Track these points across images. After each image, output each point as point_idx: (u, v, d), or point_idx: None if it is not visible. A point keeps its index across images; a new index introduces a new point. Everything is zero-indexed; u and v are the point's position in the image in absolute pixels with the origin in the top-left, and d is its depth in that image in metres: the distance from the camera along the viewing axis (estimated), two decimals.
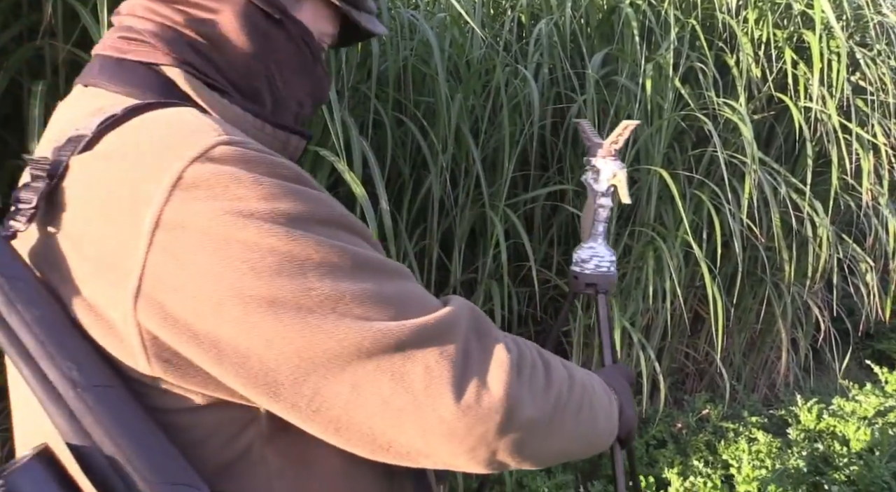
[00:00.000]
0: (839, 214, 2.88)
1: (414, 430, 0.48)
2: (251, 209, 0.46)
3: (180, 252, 0.45)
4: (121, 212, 0.46)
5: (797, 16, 2.47)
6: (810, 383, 3.16)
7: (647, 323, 2.61)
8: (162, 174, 0.46)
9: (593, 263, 0.99)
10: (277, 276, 0.45)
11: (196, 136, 0.48)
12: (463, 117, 2.02)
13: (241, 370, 0.46)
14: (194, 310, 0.45)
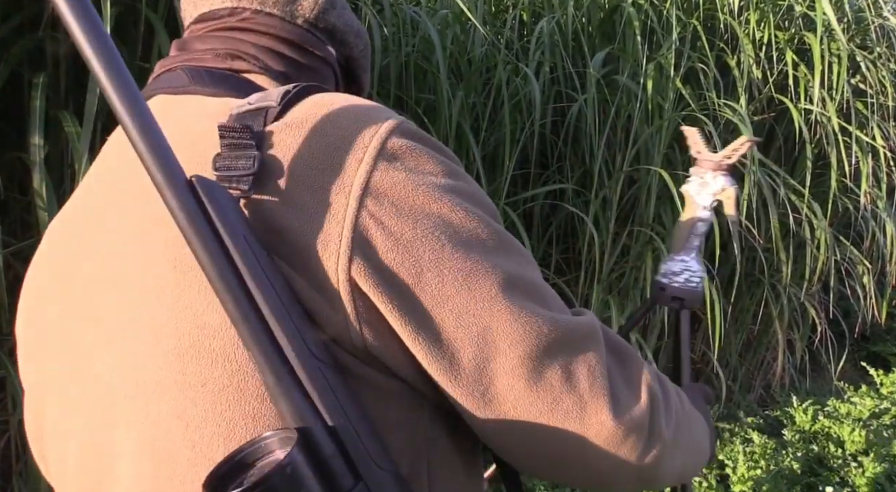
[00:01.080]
0: (837, 216, 2.89)
1: (575, 434, 0.48)
2: (442, 184, 0.48)
3: (386, 218, 0.45)
4: (328, 178, 0.46)
5: (798, 18, 2.47)
6: (806, 385, 3.17)
7: (645, 323, 2.61)
8: (366, 143, 0.47)
9: (684, 276, 0.94)
10: (470, 250, 0.47)
11: (382, 112, 0.50)
12: (464, 115, 2.02)
13: (432, 346, 0.46)
14: (399, 275, 0.45)
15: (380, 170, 0.46)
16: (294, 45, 0.60)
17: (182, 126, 0.51)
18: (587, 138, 2.26)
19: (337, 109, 0.49)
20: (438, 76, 1.87)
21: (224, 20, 0.60)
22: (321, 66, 0.62)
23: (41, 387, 0.57)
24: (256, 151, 0.46)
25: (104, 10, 1.15)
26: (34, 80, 1.27)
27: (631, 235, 2.40)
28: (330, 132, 0.48)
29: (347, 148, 0.47)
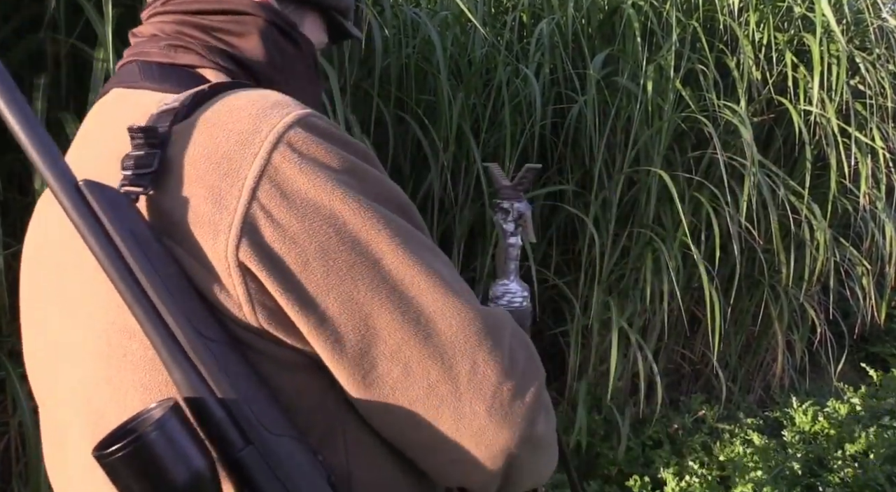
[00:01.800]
0: (837, 217, 2.89)
1: (449, 421, 0.51)
2: (337, 177, 0.50)
3: (275, 210, 0.48)
4: (225, 168, 0.49)
5: (798, 19, 2.48)
6: (805, 385, 3.17)
7: (644, 324, 2.61)
8: (262, 137, 0.49)
9: (506, 298, 1.05)
10: (357, 242, 0.49)
11: (287, 106, 0.52)
12: (464, 116, 2.02)
13: (317, 330, 0.49)
14: (285, 261, 0.48)
15: (274, 163, 0.49)
16: (217, 12, 0.62)
17: (121, 122, 0.55)
18: (587, 140, 2.26)
19: (242, 106, 0.52)
20: (439, 77, 1.87)
21: (155, 6, 0.64)
22: (253, 21, 0.62)
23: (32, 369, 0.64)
24: (159, 150, 0.50)
25: (105, 12, 1.15)
26: (35, 82, 1.27)
27: (631, 236, 2.41)
28: (230, 127, 0.50)
29: (245, 142, 0.49)
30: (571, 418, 2.42)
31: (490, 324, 0.53)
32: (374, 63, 1.77)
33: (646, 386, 2.47)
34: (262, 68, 0.63)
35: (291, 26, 0.65)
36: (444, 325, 0.51)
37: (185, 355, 0.46)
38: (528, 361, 0.55)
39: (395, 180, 1.64)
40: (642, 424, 2.55)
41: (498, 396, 0.51)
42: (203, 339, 0.47)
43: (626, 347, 2.43)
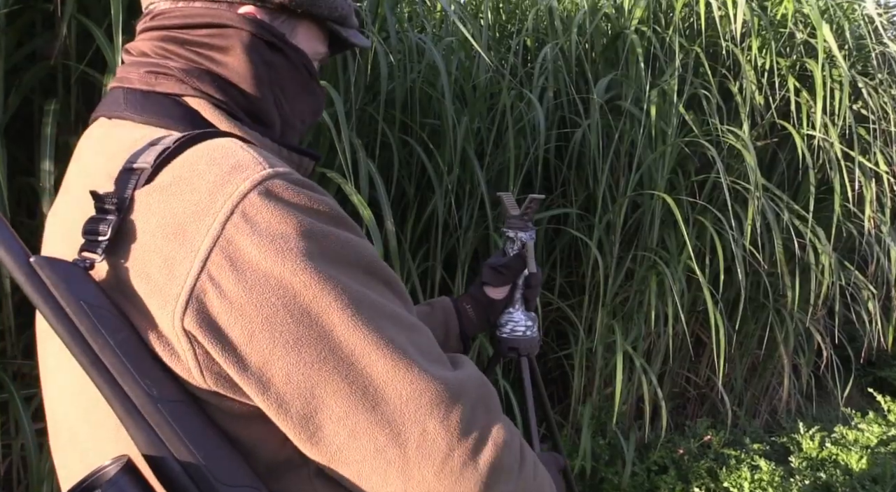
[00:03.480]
0: (841, 240, 2.89)
1: (397, 482, 0.52)
2: (292, 247, 0.50)
3: (224, 282, 0.49)
4: (180, 239, 0.50)
5: (800, 45, 2.50)
6: (812, 410, 3.14)
7: (649, 347, 2.60)
8: (217, 209, 0.50)
9: (509, 327, 1.07)
10: (306, 315, 0.50)
11: (246, 169, 0.52)
12: (468, 139, 2.04)
13: (261, 396, 0.51)
14: (232, 332, 0.49)
15: (227, 234, 0.49)
16: (199, 26, 0.62)
17: (100, 161, 0.58)
18: (591, 163, 2.27)
19: (202, 171, 0.52)
20: (443, 102, 1.89)
21: (145, 21, 0.65)
22: (236, 35, 0.62)
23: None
24: (115, 216, 0.52)
25: (115, 39, 1.17)
26: (46, 107, 1.29)
27: (635, 259, 2.40)
28: (187, 198, 0.51)
29: (200, 213, 0.50)
30: (575, 443, 2.40)
31: (448, 391, 0.53)
32: (379, 88, 1.78)
33: (651, 410, 2.45)
34: (250, 88, 0.63)
35: (278, 38, 0.64)
36: (393, 393, 0.51)
37: (140, 414, 0.49)
38: (488, 428, 0.55)
39: (398, 204, 1.65)
40: (647, 448, 2.52)
41: (448, 462, 0.51)
42: (153, 399, 0.49)
43: (630, 371, 2.42)
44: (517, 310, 1.06)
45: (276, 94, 0.66)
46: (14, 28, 1.31)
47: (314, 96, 0.70)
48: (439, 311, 0.99)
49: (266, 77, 0.64)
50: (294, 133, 0.70)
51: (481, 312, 1.01)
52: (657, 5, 2.47)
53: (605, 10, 2.42)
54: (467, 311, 1.01)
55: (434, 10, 2.55)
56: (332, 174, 1.56)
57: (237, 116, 0.62)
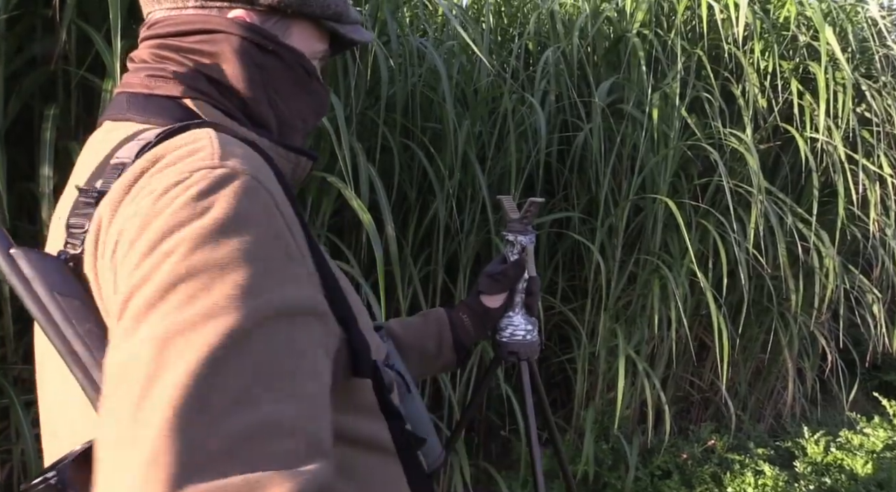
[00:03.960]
0: (846, 244, 2.87)
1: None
2: (184, 237, 0.46)
3: (128, 261, 0.48)
4: (138, 237, 0.49)
5: (803, 47, 2.49)
6: (817, 415, 3.13)
7: (652, 351, 2.59)
8: (166, 209, 0.49)
9: (508, 331, 1.06)
10: (160, 303, 0.44)
11: (194, 161, 0.51)
12: (470, 143, 2.04)
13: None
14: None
15: (177, 234, 0.46)
16: (190, 33, 0.63)
17: (96, 160, 0.59)
18: (593, 167, 2.27)
19: (164, 159, 0.52)
20: (444, 106, 1.89)
21: (144, 29, 0.67)
22: (226, 40, 0.63)
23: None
24: (94, 210, 0.52)
25: (114, 44, 1.17)
26: (45, 112, 1.29)
27: (638, 263, 2.40)
28: (152, 185, 0.51)
29: (157, 211, 0.49)
30: (578, 447, 2.39)
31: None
32: (380, 92, 1.78)
33: (654, 414, 2.44)
34: (243, 90, 0.64)
35: (270, 40, 0.65)
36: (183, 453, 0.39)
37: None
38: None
39: (400, 208, 1.65)
40: (651, 453, 2.51)
41: None
42: None
43: (633, 375, 2.41)
44: (517, 314, 1.06)
45: (271, 96, 0.66)
46: (14, 33, 1.31)
47: (314, 95, 0.71)
48: (433, 322, 0.99)
49: (259, 79, 0.65)
50: (294, 133, 0.71)
51: (478, 322, 1.01)
52: (659, 8, 2.47)
53: (607, 14, 2.41)
54: (463, 321, 1.00)
55: (436, 13, 2.56)
56: (333, 179, 1.56)
57: (235, 117, 0.64)
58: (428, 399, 2.28)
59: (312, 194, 1.74)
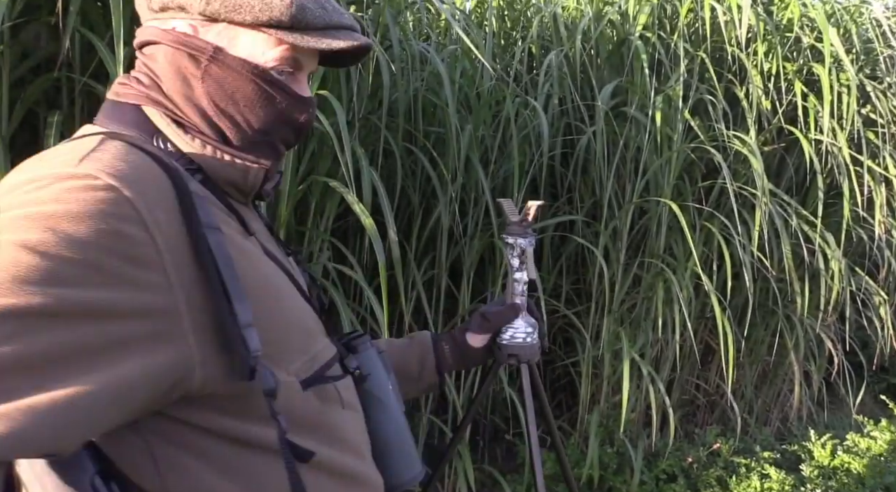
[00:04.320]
0: (851, 246, 2.86)
1: None
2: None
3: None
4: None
5: (807, 49, 2.48)
6: (824, 418, 3.11)
7: (658, 354, 2.58)
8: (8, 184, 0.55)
9: (509, 333, 1.06)
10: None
11: (55, 163, 0.55)
12: (473, 147, 2.04)
13: None
14: None
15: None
16: (144, 45, 0.68)
17: None
18: (596, 170, 2.27)
19: (30, 165, 0.57)
20: (447, 110, 1.89)
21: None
22: (161, 51, 0.66)
23: None
24: None
25: (117, 52, 1.18)
26: (49, 119, 1.30)
27: (642, 265, 2.39)
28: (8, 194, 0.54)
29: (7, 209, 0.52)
30: (583, 451, 2.38)
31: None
32: (382, 96, 1.79)
33: (659, 418, 2.43)
34: (182, 99, 0.66)
35: (202, 50, 0.64)
36: None
37: None
38: None
39: (403, 212, 1.65)
40: (656, 457, 2.50)
41: None
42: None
43: (638, 378, 2.40)
44: (518, 316, 1.05)
45: (218, 105, 0.66)
46: (18, 41, 1.32)
47: (272, 104, 0.68)
48: (417, 346, 1.01)
49: (196, 89, 0.65)
50: (259, 144, 0.69)
51: (457, 355, 1.02)
52: (662, 11, 2.46)
53: (610, 17, 2.41)
54: (444, 350, 1.02)
55: (439, 17, 2.56)
56: (335, 184, 1.56)
57: (183, 124, 0.66)
58: (432, 403, 2.28)
59: (316, 199, 1.75)
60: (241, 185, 0.69)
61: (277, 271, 0.69)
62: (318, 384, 0.69)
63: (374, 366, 0.82)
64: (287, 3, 0.65)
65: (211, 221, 0.59)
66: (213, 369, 0.58)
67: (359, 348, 0.82)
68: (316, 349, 0.71)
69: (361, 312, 1.91)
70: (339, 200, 1.72)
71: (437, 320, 2.15)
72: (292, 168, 1.52)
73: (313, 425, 0.67)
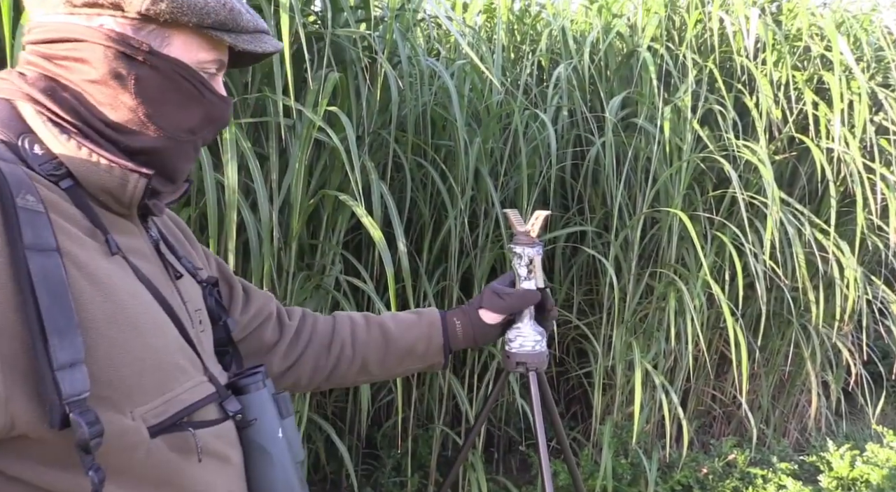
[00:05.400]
0: (868, 254, 2.84)
1: None
2: None
3: None
4: None
5: (816, 58, 2.48)
6: (843, 428, 3.07)
7: (673, 365, 2.57)
8: None
9: (518, 342, 1.06)
10: None
11: None
12: (482, 160, 2.06)
13: None
14: None
15: None
16: (59, 41, 0.64)
17: None
18: (607, 180, 2.28)
19: None
20: (456, 124, 1.92)
21: (25, 33, 0.69)
22: (90, 49, 0.63)
23: None
24: None
25: None
26: None
27: (653, 275, 2.39)
28: None
29: None
30: (597, 462, 2.38)
31: None
32: (392, 112, 1.82)
33: (675, 428, 2.42)
34: (107, 100, 0.63)
35: (138, 50, 0.63)
36: None
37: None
38: None
39: (415, 224, 1.68)
40: (671, 468, 2.49)
41: None
42: None
43: (652, 389, 2.39)
44: (525, 324, 1.06)
45: (145, 106, 0.64)
46: None
47: (202, 106, 0.68)
48: (425, 323, 1.00)
49: (128, 90, 0.63)
50: (177, 145, 0.68)
51: (468, 332, 1.01)
52: (670, 23, 2.48)
53: (619, 29, 2.43)
54: (455, 326, 1.00)
55: (449, 32, 2.60)
56: (345, 197, 1.59)
57: (60, 124, 0.63)
58: (446, 415, 2.29)
59: (328, 212, 1.78)
60: (117, 194, 0.64)
61: (143, 299, 0.63)
62: (173, 432, 0.61)
63: (262, 410, 0.73)
64: (228, 8, 0.66)
65: (41, 242, 0.54)
66: (21, 410, 0.52)
67: (248, 389, 0.72)
68: (178, 391, 0.63)
69: None
70: (351, 213, 1.75)
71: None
72: (304, 182, 1.56)
73: (160, 480, 0.60)
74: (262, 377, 0.74)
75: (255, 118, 1.59)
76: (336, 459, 2.15)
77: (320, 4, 1.70)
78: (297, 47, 1.50)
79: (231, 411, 0.69)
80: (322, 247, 1.80)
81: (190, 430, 0.62)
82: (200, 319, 0.73)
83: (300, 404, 1.79)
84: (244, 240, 1.53)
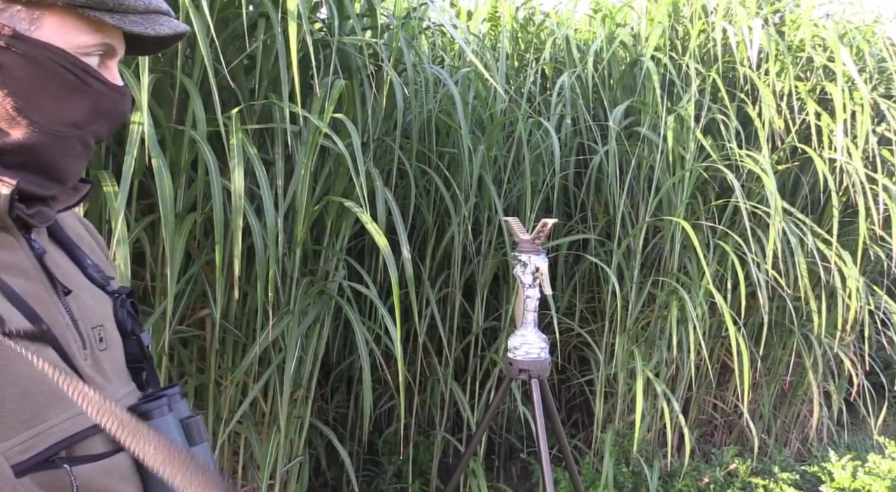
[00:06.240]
0: (870, 264, 2.84)
1: None
2: None
3: None
4: None
5: (819, 69, 2.49)
6: (845, 438, 3.06)
7: (675, 373, 2.57)
8: None
9: (523, 349, 1.07)
10: None
11: None
12: (486, 167, 2.07)
13: None
14: None
15: None
16: None
17: None
18: (610, 189, 2.29)
19: None
20: (460, 132, 1.93)
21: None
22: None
23: None
24: None
25: (142, 78, 1.23)
26: None
27: (656, 284, 2.40)
28: None
29: None
30: (599, 470, 2.37)
31: None
32: (396, 119, 1.83)
33: (676, 437, 2.42)
34: None
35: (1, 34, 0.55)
36: None
37: None
38: None
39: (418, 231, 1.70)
40: (672, 477, 2.48)
41: None
42: None
43: (653, 397, 2.40)
44: (529, 332, 1.07)
45: (12, 98, 0.56)
46: None
47: (86, 96, 0.60)
48: None
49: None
50: (57, 141, 0.60)
51: None
52: (674, 33, 2.50)
53: (622, 39, 2.45)
54: None
55: (454, 40, 2.61)
56: (350, 203, 1.60)
57: None
58: (447, 422, 2.30)
59: (332, 218, 1.79)
60: None
61: (9, 320, 0.55)
62: (45, 469, 0.53)
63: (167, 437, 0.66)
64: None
65: None
66: None
67: (150, 414, 0.64)
68: (54, 421, 0.54)
69: (376, 330, 1.94)
70: (355, 219, 1.76)
71: (451, 338, 2.17)
72: (309, 188, 1.57)
73: None
74: (169, 401, 0.66)
75: (261, 124, 1.60)
76: (337, 464, 2.16)
77: (327, 12, 1.72)
78: (303, 54, 1.52)
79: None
80: (326, 253, 1.81)
81: (65, 467, 0.54)
82: (101, 336, 0.64)
83: (302, 409, 1.80)
84: (249, 245, 1.54)
